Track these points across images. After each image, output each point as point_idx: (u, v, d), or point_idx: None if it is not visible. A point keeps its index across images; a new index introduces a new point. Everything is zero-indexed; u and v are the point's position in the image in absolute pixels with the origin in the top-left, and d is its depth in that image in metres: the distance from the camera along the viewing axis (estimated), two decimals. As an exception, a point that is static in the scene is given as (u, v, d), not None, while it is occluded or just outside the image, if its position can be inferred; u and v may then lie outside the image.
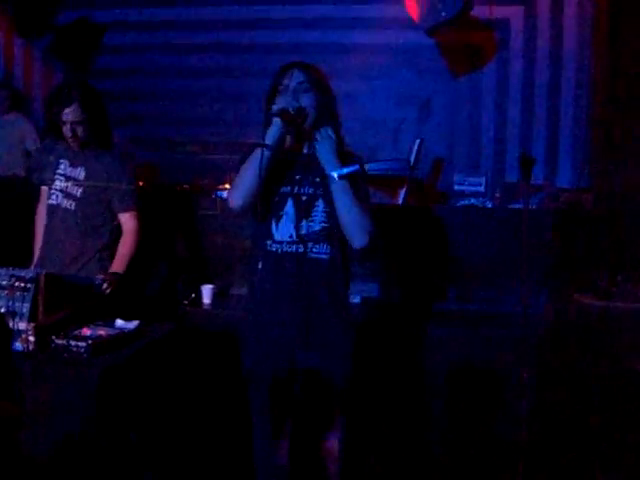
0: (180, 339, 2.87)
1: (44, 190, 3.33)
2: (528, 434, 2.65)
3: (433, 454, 3.23)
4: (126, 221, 3.25)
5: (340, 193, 2.26)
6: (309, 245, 2.30)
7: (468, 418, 3.27)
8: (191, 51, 4.91)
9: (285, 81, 2.33)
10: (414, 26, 4.34)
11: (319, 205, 2.32)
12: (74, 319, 2.61)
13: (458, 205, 4.00)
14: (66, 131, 3.15)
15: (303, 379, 2.34)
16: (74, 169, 3.23)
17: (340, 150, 2.32)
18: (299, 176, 2.35)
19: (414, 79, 4.59)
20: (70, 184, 3.22)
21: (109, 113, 3.27)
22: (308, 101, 2.30)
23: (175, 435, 2.82)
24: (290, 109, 2.24)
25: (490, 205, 3.98)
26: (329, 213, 2.31)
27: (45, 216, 3.29)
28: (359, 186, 2.31)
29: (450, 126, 4.65)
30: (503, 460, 2.95)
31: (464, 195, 4.03)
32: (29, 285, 2.54)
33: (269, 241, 2.33)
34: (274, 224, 2.32)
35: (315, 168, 2.32)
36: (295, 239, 2.30)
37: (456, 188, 4.08)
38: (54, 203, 3.24)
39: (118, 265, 3.17)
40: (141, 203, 3.29)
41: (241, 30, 4.84)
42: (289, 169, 2.36)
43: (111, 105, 3.29)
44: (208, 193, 4.07)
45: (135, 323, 2.70)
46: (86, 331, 2.54)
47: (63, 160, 3.25)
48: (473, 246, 3.68)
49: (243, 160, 2.33)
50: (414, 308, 3.54)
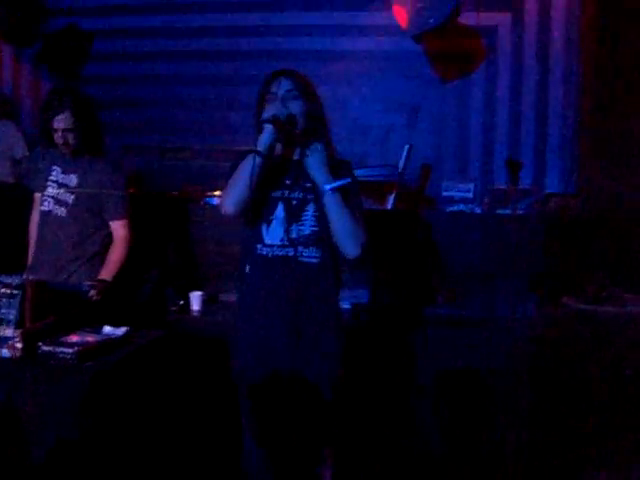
0: (169, 345, 2.86)
1: (37, 197, 3.33)
2: (517, 438, 2.66)
3: (424, 458, 3.22)
4: (117, 229, 3.25)
5: (333, 205, 2.27)
6: (299, 249, 2.32)
7: (458, 423, 3.27)
8: (180, 58, 4.91)
9: (273, 89, 2.36)
10: (402, 33, 4.35)
11: (309, 209, 2.34)
12: (61, 326, 2.60)
13: (447, 211, 4.00)
14: (57, 138, 3.15)
15: (292, 383, 2.33)
16: (66, 176, 3.23)
17: (331, 160, 2.34)
18: (289, 181, 2.37)
19: (402, 85, 4.60)
20: (62, 191, 3.21)
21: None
22: (297, 108, 2.33)
23: (165, 441, 2.81)
24: (280, 116, 2.26)
25: (479, 211, 3.99)
26: (319, 217, 2.33)
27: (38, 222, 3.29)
28: (351, 197, 2.33)
29: (438, 132, 4.66)
30: (493, 465, 2.96)
31: (453, 201, 4.04)
32: (16, 292, 2.54)
33: (259, 245, 2.34)
34: (265, 228, 2.34)
35: (305, 173, 2.34)
36: (286, 243, 2.32)
37: (445, 194, 4.09)
38: (46, 210, 3.23)
39: (106, 272, 3.17)
40: (131, 210, 3.29)
41: (229, 37, 4.84)
42: (280, 174, 2.37)
43: (100, 113, 3.29)
44: (197, 200, 4.06)
45: (123, 329, 2.70)
46: (73, 337, 2.53)
47: (55, 167, 3.25)
48: (462, 251, 3.69)
49: (234, 167, 2.35)
50: (404, 313, 3.54)
